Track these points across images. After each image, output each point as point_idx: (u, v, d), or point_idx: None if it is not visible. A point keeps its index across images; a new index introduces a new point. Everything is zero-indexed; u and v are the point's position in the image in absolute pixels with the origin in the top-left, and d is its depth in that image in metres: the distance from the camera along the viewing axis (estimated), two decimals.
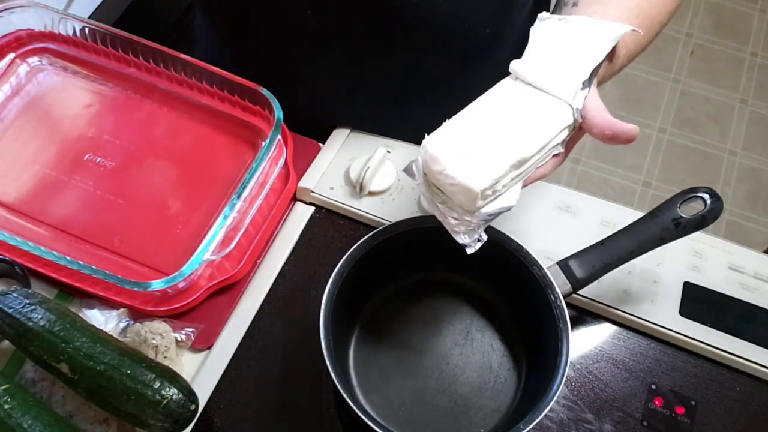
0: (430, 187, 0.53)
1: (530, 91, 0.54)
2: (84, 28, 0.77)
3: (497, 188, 0.50)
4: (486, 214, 0.51)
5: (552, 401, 0.52)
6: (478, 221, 0.51)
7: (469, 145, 0.51)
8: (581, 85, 0.53)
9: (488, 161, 0.50)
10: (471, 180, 0.49)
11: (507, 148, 0.51)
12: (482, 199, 0.50)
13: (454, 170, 0.49)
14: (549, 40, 0.56)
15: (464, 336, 0.64)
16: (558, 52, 0.55)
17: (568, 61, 0.55)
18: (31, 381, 0.59)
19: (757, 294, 0.67)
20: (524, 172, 0.52)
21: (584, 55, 0.55)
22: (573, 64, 0.54)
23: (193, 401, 0.54)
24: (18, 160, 0.73)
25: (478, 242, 0.53)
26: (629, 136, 0.52)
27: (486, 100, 0.54)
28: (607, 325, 0.67)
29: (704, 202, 0.56)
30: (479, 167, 0.49)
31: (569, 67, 0.54)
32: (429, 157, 0.50)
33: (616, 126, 0.52)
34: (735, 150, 1.91)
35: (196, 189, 0.71)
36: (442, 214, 0.53)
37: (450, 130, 0.52)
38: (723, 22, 2.14)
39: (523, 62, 0.55)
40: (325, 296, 0.56)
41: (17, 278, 0.63)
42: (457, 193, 0.50)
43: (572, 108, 0.52)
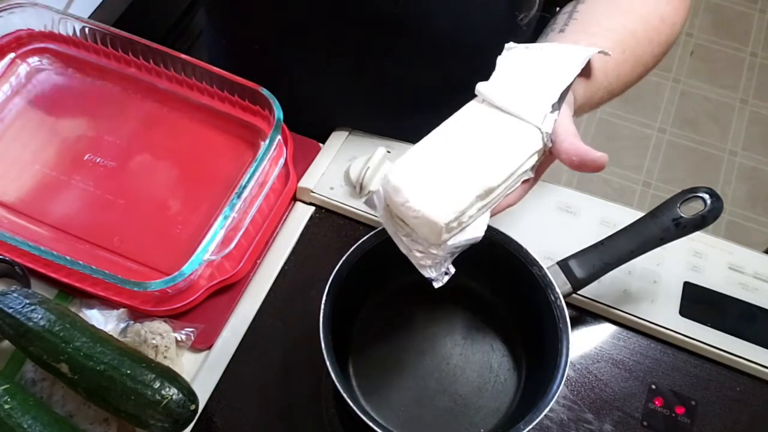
0: (393, 219, 0.50)
1: (497, 115, 0.52)
2: (84, 28, 0.77)
3: (463, 220, 0.48)
4: (452, 246, 0.49)
5: (552, 401, 0.51)
6: (444, 254, 0.49)
7: (433, 175, 0.48)
8: (550, 108, 0.51)
9: (453, 192, 0.48)
10: (435, 213, 0.47)
11: (472, 178, 0.48)
12: (447, 232, 0.48)
13: (417, 202, 0.47)
14: (517, 65, 0.54)
15: (464, 336, 0.64)
16: (526, 76, 0.53)
17: (536, 84, 0.52)
18: (31, 381, 0.59)
19: (757, 294, 0.67)
20: (491, 201, 0.50)
21: (553, 78, 0.53)
22: (542, 87, 0.52)
23: (193, 401, 0.54)
24: (18, 160, 0.73)
25: (445, 275, 0.51)
26: (597, 164, 0.49)
27: (451, 125, 0.52)
28: (607, 325, 0.67)
29: (704, 202, 0.56)
30: (443, 199, 0.47)
31: (538, 90, 0.52)
32: (391, 188, 0.48)
33: (585, 153, 0.50)
34: (735, 150, 1.91)
35: (196, 189, 0.71)
36: (407, 247, 0.50)
37: (413, 159, 0.49)
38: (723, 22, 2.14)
39: (490, 84, 0.53)
40: (325, 296, 0.56)
41: (17, 278, 0.63)
42: (421, 225, 0.48)
43: (541, 132, 0.50)
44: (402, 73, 0.72)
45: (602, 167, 0.49)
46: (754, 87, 2.02)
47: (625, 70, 0.61)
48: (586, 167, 0.49)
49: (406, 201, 0.48)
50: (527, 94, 0.52)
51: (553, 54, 0.55)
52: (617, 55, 0.60)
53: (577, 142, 0.50)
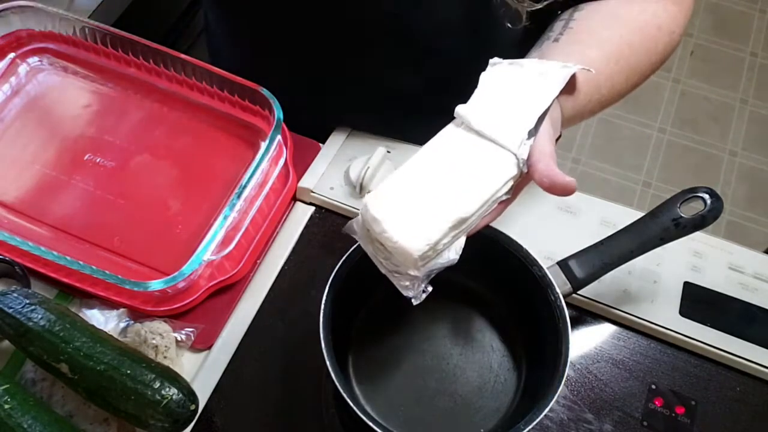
0: (373, 243, 0.52)
1: (475, 140, 0.53)
2: (84, 28, 0.77)
3: (438, 248, 0.50)
4: (428, 269, 0.51)
5: (552, 401, 0.51)
6: (422, 276, 0.51)
7: (409, 205, 0.50)
8: (527, 135, 0.52)
9: (427, 223, 0.50)
10: (410, 244, 0.49)
11: (446, 209, 0.50)
12: (422, 261, 0.50)
13: (393, 234, 0.49)
14: (497, 85, 0.55)
15: (464, 336, 0.64)
16: (505, 98, 0.54)
17: (514, 108, 0.53)
18: (31, 381, 0.59)
19: (757, 294, 0.67)
20: (466, 227, 0.52)
21: (532, 102, 0.53)
22: (520, 111, 0.53)
23: (193, 401, 0.54)
24: (18, 160, 0.73)
25: (423, 294, 0.53)
26: (566, 189, 0.50)
27: (428, 151, 0.53)
28: (607, 325, 0.67)
29: (704, 202, 0.56)
30: (418, 231, 0.49)
31: (516, 114, 0.53)
32: (370, 217, 0.50)
33: (556, 176, 0.50)
34: (735, 150, 1.91)
35: (196, 189, 0.71)
36: (386, 269, 0.53)
37: (391, 189, 0.51)
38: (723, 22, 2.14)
39: (469, 107, 0.53)
40: (325, 296, 0.56)
41: (17, 278, 0.63)
42: (397, 254, 0.50)
43: (517, 158, 0.51)
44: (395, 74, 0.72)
45: (571, 192, 0.50)
46: (754, 87, 2.02)
47: (619, 81, 0.61)
48: (556, 190, 0.50)
49: (384, 231, 0.50)
50: (505, 117, 0.53)
51: (535, 72, 0.55)
52: (611, 66, 0.59)
53: (551, 164, 0.51)
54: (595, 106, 0.60)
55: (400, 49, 0.69)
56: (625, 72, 0.61)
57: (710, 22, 2.14)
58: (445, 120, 0.55)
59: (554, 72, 0.54)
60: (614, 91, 0.61)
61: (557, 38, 0.61)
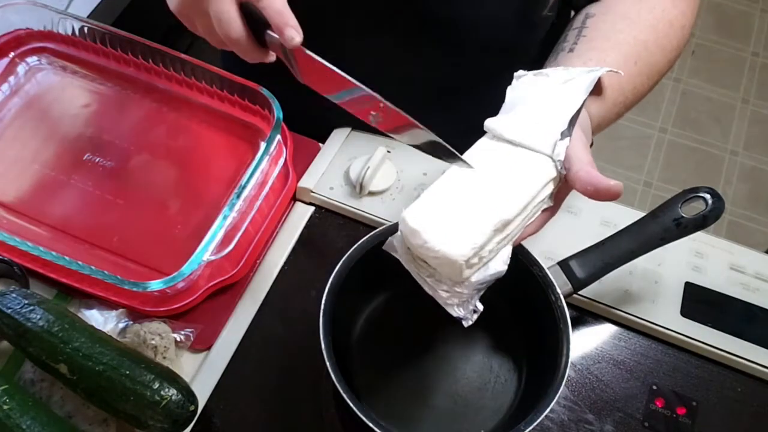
0: (415, 260, 0.51)
1: (508, 149, 0.52)
2: (83, 28, 0.77)
3: (483, 255, 0.49)
4: (477, 283, 0.50)
5: (553, 402, 0.51)
6: (470, 291, 0.50)
7: (448, 214, 0.49)
8: (560, 135, 0.52)
9: (469, 229, 0.48)
10: (453, 251, 0.47)
11: (488, 213, 0.49)
12: (468, 268, 0.48)
13: (435, 243, 0.48)
14: (524, 95, 0.55)
15: (464, 336, 0.63)
16: (534, 107, 0.54)
17: (544, 114, 0.53)
18: (30, 381, 0.58)
19: (758, 294, 0.67)
20: (511, 234, 0.51)
21: (561, 106, 0.53)
22: (550, 116, 0.53)
23: (192, 402, 0.54)
24: (17, 160, 0.73)
25: (474, 314, 0.51)
26: (612, 192, 0.49)
27: None
28: (607, 325, 0.66)
29: (705, 202, 0.56)
30: (460, 236, 0.48)
31: (546, 120, 0.52)
32: (408, 230, 0.49)
33: (599, 182, 0.49)
34: (736, 150, 1.91)
35: (196, 189, 0.71)
36: (431, 287, 0.51)
37: (428, 201, 0.50)
38: (724, 21, 2.14)
39: (498, 119, 0.54)
40: (325, 296, 0.56)
41: (16, 278, 0.63)
42: (442, 265, 0.48)
43: (553, 160, 0.51)
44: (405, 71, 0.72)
45: (617, 195, 0.49)
46: (756, 87, 2.01)
47: (640, 82, 0.61)
48: (600, 196, 0.49)
49: (425, 242, 0.48)
50: (536, 124, 0.52)
51: (561, 80, 0.55)
52: (630, 68, 0.60)
53: (592, 171, 0.50)
54: (620, 109, 0.61)
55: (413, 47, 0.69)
56: (645, 72, 0.61)
57: (712, 21, 2.13)
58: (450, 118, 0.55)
59: (580, 77, 0.55)
60: (636, 92, 0.62)
61: (572, 48, 0.62)
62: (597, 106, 0.58)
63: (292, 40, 0.48)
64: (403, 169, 0.73)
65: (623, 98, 0.60)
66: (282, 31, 0.48)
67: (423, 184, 0.72)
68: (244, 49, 0.51)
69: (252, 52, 0.51)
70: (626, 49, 0.60)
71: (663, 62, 0.64)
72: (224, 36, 0.50)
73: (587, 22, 0.64)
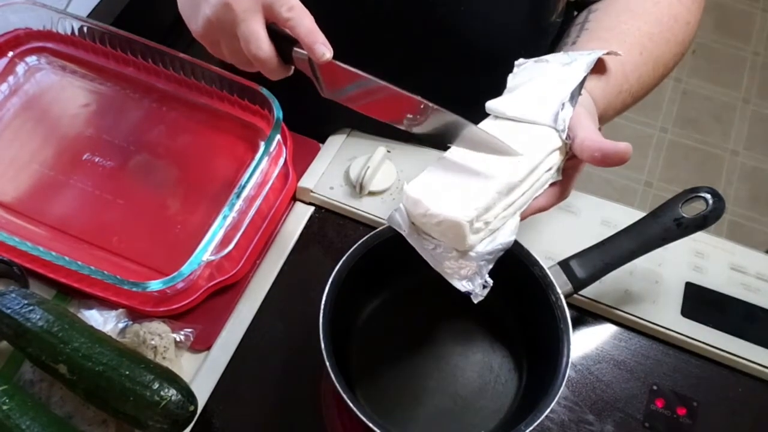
0: (420, 235, 0.51)
1: (511, 125, 0.53)
2: (82, 27, 0.77)
3: (489, 220, 0.49)
4: (484, 253, 0.49)
5: (553, 402, 0.51)
6: (476, 263, 0.49)
7: (451, 182, 0.49)
8: (561, 106, 0.52)
9: (473, 192, 0.48)
10: (456, 213, 0.47)
11: (492, 178, 0.49)
12: (473, 233, 0.48)
13: (437, 208, 0.48)
14: (525, 78, 0.55)
15: (464, 336, 0.63)
16: (534, 87, 0.54)
17: (545, 92, 0.53)
18: (30, 382, 0.58)
19: (759, 294, 0.67)
20: (518, 203, 0.51)
21: (561, 83, 0.53)
22: (551, 93, 0.53)
23: (192, 402, 0.53)
24: (16, 160, 0.72)
25: (484, 288, 0.50)
26: (620, 155, 0.49)
27: None
28: (608, 325, 0.66)
29: (706, 202, 0.56)
30: (463, 199, 0.47)
31: (547, 96, 0.53)
32: (410, 201, 0.49)
33: (606, 147, 0.49)
34: (737, 150, 1.90)
35: (196, 189, 0.71)
36: (437, 261, 0.50)
37: (430, 174, 0.50)
38: (725, 21, 2.14)
39: (499, 100, 0.54)
40: (325, 296, 0.56)
41: (15, 278, 0.63)
42: (446, 232, 0.48)
43: (556, 130, 0.51)
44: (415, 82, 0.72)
45: (626, 158, 0.48)
46: (756, 86, 2.01)
47: (645, 72, 0.61)
48: (609, 161, 0.49)
49: (427, 210, 0.48)
50: (537, 100, 0.53)
51: (561, 61, 0.55)
52: (635, 57, 0.60)
53: (596, 138, 0.50)
54: (626, 97, 0.60)
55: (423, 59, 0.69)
56: (650, 63, 0.61)
57: (712, 21, 2.13)
58: None
59: (581, 58, 0.55)
60: (642, 82, 0.61)
61: (575, 41, 0.62)
62: (601, 90, 0.58)
63: (323, 56, 0.50)
64: (403, 169, 0.73)
65: (628, 86, 0.60)
66: (312, 48, 0.50)
67: None
68: (271, 68, 0.52)
69: (278, 70, 0.53)
70: (630, 40, 0.60)
71: (668, 55, 0.64)
72: (253, 57, 0.51)
73: (590, 17, 0.64)
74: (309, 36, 0.49)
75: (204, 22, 0.52)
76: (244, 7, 0.49)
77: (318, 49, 0.49)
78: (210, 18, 0.51)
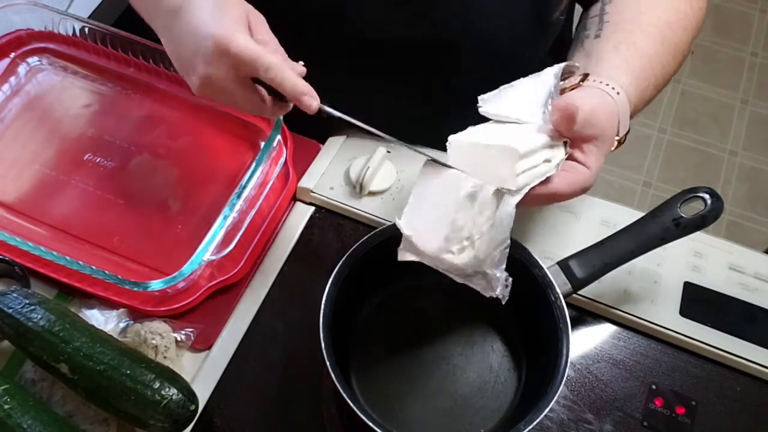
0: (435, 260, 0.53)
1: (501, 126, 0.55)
2: (84, 28, 0.77)
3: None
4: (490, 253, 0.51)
5: (552, 401, 0.51)
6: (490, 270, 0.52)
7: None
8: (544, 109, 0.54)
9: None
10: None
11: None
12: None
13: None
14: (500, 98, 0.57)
15: (464, 336, 0.63)
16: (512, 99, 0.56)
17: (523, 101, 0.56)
18: (31, 381, 0.59)
19: (757, 294, 0.67)
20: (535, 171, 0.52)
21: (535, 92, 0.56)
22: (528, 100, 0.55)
23: (192, 401, 0.54)
24: (18, 160, 0.73)
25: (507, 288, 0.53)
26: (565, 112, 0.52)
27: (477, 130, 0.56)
28: (607, 325, 0.66)
29: (704, 202, 0.56)
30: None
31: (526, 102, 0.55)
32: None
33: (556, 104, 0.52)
34: (735, 150, 1.91)
35: (196, 189, 0.71)
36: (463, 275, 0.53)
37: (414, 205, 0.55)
38: (723, 22, 2.14)
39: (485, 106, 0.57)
40: (325, 296, 0.56)
41: (17, 278, 0.63)
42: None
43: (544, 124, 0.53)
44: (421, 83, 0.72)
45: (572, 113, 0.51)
46: (755, 87, 2.01)
47: (668, 61, 0.62)
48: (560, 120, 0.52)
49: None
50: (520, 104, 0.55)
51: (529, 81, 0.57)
52: (657, 47, 0.60)
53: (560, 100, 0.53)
54: (652, 90, 0.61)
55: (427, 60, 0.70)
56: (671, 52, 0.62)
57: (711, 22, 2.13)
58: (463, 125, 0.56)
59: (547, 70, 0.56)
60: (665, 71, 0.62)
61: (598, 34, 0.62)
62: (634, 87, 0.58)
63: (311, 107, 0.52)
64: (403, 169, 0.73)
65: (654, 78, 0.61)
66: (299, 102, 0.52)
67: None
68: (270, 114, 0.56)
69: (278, 111, 0.56)
70: (653, 30, 0.61)
71: (685, 42, 0.64)
72: (250, 113, 0.55)
73: (606, 8, 0.64)
74: (293, 91, 0.52)
75: (195, 89, 0.55)
76: (225, 82, 0.52)
77: (305, 102, 0.52)
78: (199, 87, 0.54)
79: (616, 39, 0.60)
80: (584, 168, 0.54)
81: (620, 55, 0.59)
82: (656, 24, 0.61)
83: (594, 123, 0.53)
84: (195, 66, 0.53)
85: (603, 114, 0.54)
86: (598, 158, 0.55)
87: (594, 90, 0.56)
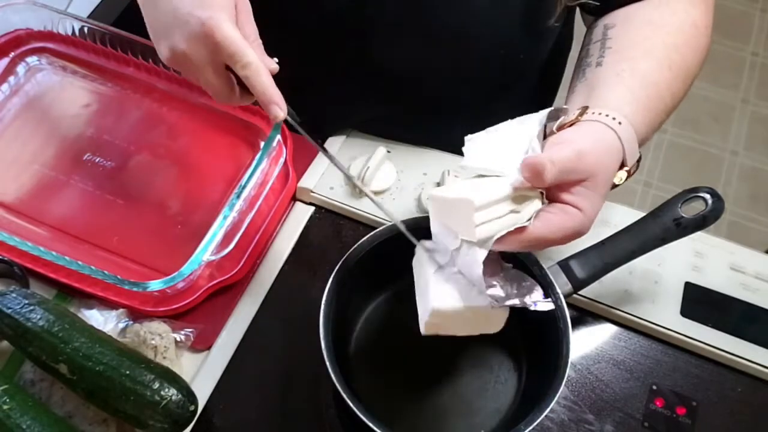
0: None
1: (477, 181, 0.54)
2: (83, 28, 0.77)
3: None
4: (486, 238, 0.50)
5: (553, 402, 0.51)
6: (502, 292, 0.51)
7: None
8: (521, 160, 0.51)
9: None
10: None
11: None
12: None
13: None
14: (482, 146, 0.55)
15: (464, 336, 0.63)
16: (493, 149, 0.54)
17: (504, 150, 0.53)
18: (30, 381, 0.58)
19: (758, 294, 0.67)
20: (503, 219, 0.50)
21: (518, 141, 0.53)
22: (510, 149, 0.53)
23: (192, 402, 0.54)
24: (17, 160, 0.73)
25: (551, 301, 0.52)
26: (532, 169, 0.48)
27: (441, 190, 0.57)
28: (607, 325, 0.66)
29: (705, 202, 0.56)
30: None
31: (507, 152, 0.53)
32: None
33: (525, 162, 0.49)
34: (736, 150, 1.91)
35: (196, 189, 0.71)
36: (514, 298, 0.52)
37: None
38: (724, 21, 2.14)
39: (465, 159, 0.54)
40: (326, 296, 0.56)
41: (16, 278, 0.63)
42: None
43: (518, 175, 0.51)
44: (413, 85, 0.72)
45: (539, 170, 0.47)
46: (756, 86, 2.01)
47: (677, 86, 0.59)
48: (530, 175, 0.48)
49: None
50: (499, 155, 0.53)
51: (512, 126, 0.55)
52: (665, 73, 0.58)
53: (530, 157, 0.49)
54: (663, 117, 0.59)
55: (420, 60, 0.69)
56: (681, 76, 0.59)
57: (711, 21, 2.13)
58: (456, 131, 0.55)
59: (532, 116, 0.54)
60: (676, 97, 0.59)
61: (599, 62, 0.59)
62: (641, 117, 0.55)
63: (277, 117, 0.51)
64: (403, 169, 0.73)
65: (664, 106, 0.58)
66: (267, 108, 0.51)
67: (423, 184, 0.72)
68: (236, 102, 0.55)
69: (244, 100, 0.55)
70: (658, 54, 0.58)
71: (695, 65, 0.61)
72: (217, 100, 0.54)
73: (609, 33, 0.61)
74: (263, 94, 0.50)
75: (164, 58, 0.53)
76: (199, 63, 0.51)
77: (272, 110, 0.51)
78: (169, 59, 0.52)
79: (620, 68, 0.57)
80: (575, 210, 0.50)
81: (624, 83, 0.56)
82: (662, 48, 0.59)
83: (579, 168, 0.50)
84: (171, 37, 0.51)
85: (594, 155, 0.50)
86: (591, 200, 0.51)
87: (591, 126, 0.53)
